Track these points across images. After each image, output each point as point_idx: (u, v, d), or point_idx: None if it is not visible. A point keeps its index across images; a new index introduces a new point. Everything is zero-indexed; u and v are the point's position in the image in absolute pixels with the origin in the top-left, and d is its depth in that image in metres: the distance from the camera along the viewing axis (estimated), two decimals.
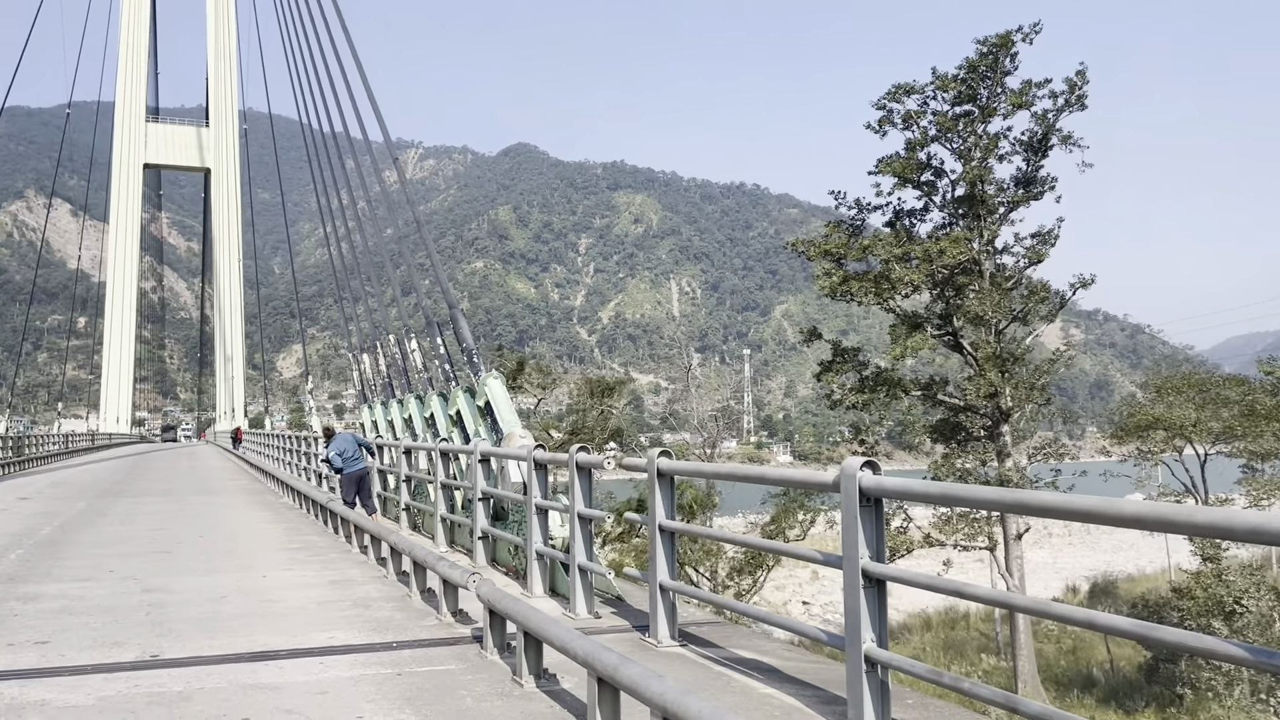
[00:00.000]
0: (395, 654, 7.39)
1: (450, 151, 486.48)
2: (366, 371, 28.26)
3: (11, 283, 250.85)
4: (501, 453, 11.44)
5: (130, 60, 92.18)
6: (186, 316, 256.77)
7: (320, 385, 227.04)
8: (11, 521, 17.51)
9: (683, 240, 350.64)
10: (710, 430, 46.37)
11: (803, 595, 50.64)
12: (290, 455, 29.06)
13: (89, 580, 10.86)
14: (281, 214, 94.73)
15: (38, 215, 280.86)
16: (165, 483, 29.46)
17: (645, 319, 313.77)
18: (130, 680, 6.65)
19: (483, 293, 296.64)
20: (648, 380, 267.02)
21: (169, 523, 17.18)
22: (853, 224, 32.32)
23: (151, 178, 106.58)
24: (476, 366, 16.30)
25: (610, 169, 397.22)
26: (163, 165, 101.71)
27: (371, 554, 12.33)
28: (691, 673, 6.64)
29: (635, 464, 7.88)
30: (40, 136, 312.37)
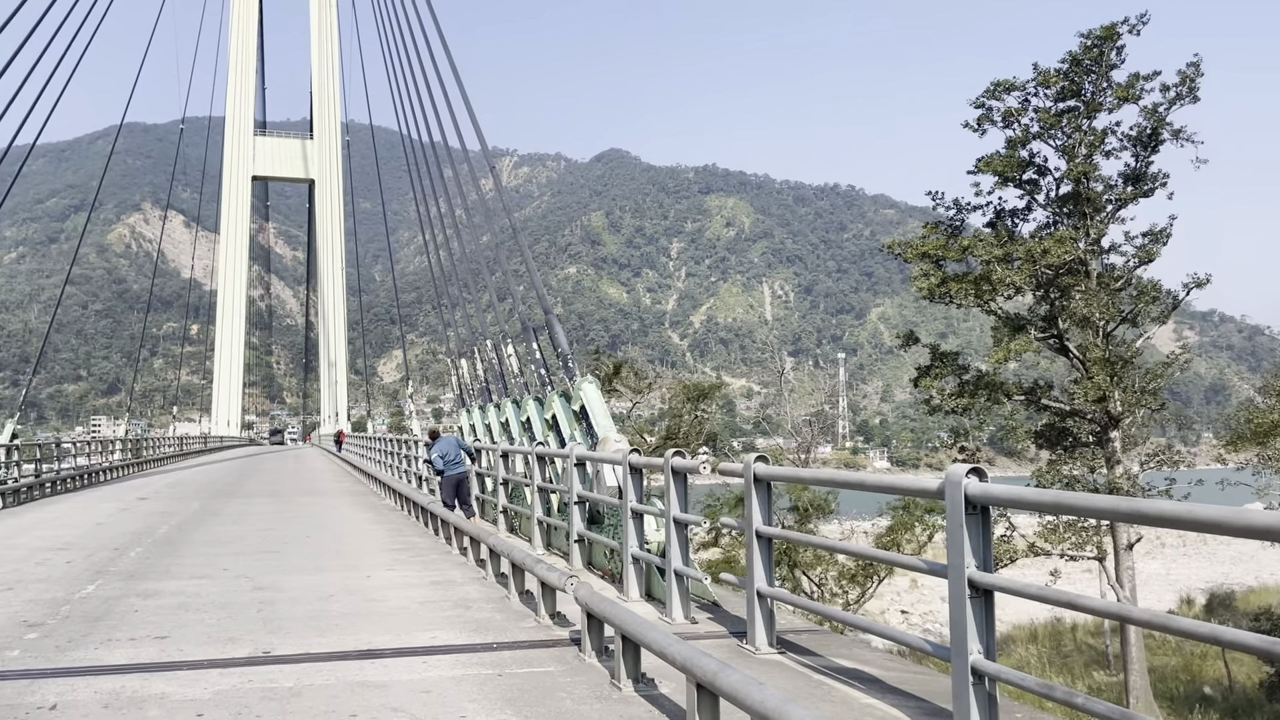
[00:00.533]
0: (495, 655, 7.50)
1: (544, 159, 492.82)
2: (464, 376, 28.77)
3: (130, 292, 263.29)
4: (597, 457, 11.51)
5: (239, 77, 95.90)
6: (292, 323, 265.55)
7: (419, 390, 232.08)
8: (132, 520, 18.35)
9: (775, 243, 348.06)
10: (804, 435, 45.87)
11: (901, 604, 49.67)
12: (391, 458, 29.79)
13: (204, 578, 11.31)
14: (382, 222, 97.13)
15: (154, 227, 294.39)
16: (273, 484, 30.49)
17: (737, 323, 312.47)
18: (244, 675, 6.90)
19: (575, 298, 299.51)
20: (740, 384, 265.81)
21: (277, 523, 17.78)
22: (951, 224, 31.61)
23: (259, 189, 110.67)
24: (572, 371, 16.43)
25: (702, 172, 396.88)
26: (270, 177, 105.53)
27: (471, 555, 12.54)
28: (791, 681, 6.57)
29: (731, 469, 7.83)
30: (156, 151, 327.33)
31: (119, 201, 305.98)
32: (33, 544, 14.76)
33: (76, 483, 29.10)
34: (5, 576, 11.51)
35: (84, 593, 10.34)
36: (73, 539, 15.29)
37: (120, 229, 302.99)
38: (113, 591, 10.39)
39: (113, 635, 8.23)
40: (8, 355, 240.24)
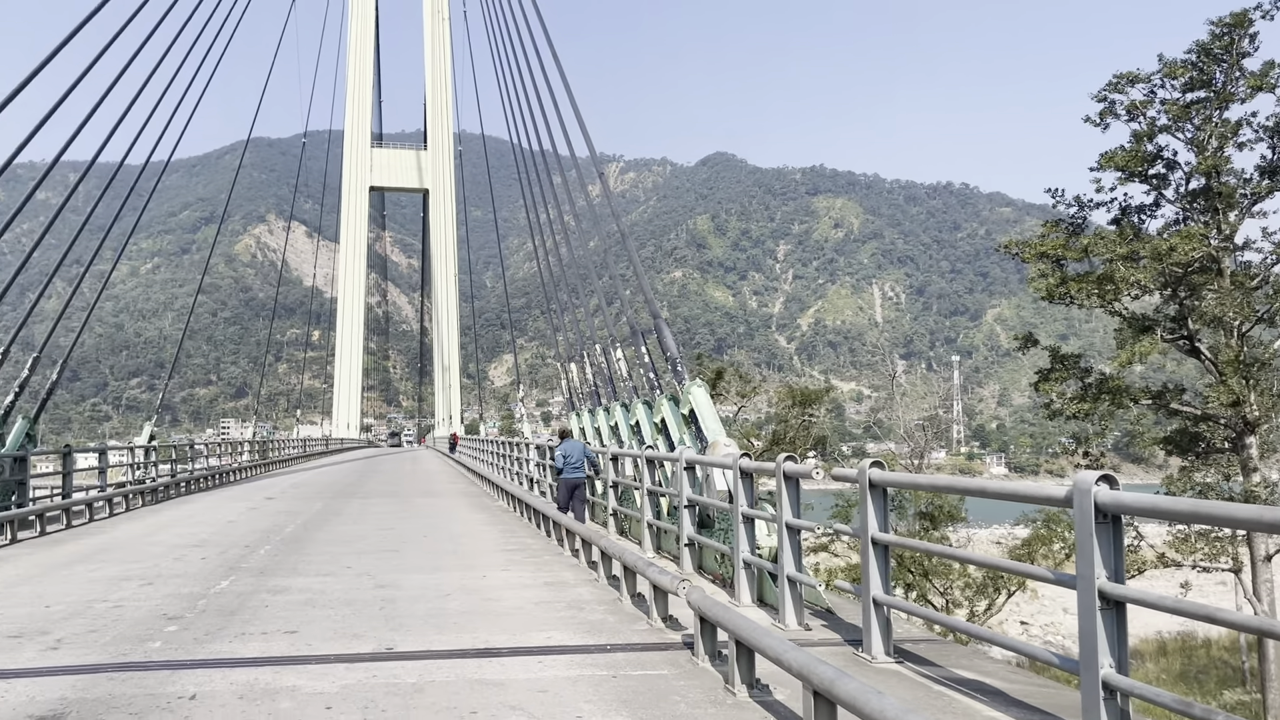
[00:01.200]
0: (609, 656, 7.57)
1: (650, 164, 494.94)
2: (574, 380, 29.13)
3: (256, 300, 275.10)
4: (707, 460, 11.50)
5: (357, 92, 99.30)
6: (408, 329, 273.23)
7: (529, 393, 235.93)
8: (261, 519, 19.17)
9: (885, 244, 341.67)
10: (917, 440, 44.87)
11: (1020, 615, 48.11)
12: (503, 461, 30.38)
13: (329, 575, 11.73)
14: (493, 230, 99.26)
15: (278, 237, 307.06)
16: (391, 485, 31.41)
17: (846, 325, 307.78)
18: (369, 670, 7.13)
19: (681, 301, 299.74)
20: (849, 388, 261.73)
21: (396, 522, 18.31)
22: (1072, 222, 30.49)
23: (376, 199, 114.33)
24: (680, 375, 16.47)
25: (809, 174, 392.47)
26: (386, 187, 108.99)
27: (583, 557, 12.68)
28: (910, 691, 6.44)
29: (846, 475, 7.73)
30: (279, 165, 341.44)
31: (245, 213, 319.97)
32: (170, 541, 15.56)
33: (208, 482, 30.54)
34: (146, 571, 12.17)
35: (218, 588, 10.85)
36: (207, 536, 16.05)
37: (247, 239, 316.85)
38: (245, 587, 10.87)
39: (246, 629, 8.61)
40: (144, 361, 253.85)
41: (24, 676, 7.01)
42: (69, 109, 22.37)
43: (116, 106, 25.17)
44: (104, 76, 23.86)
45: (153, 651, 7.77)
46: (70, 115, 22.84)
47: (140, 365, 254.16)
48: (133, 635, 8.38)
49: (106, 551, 14.30)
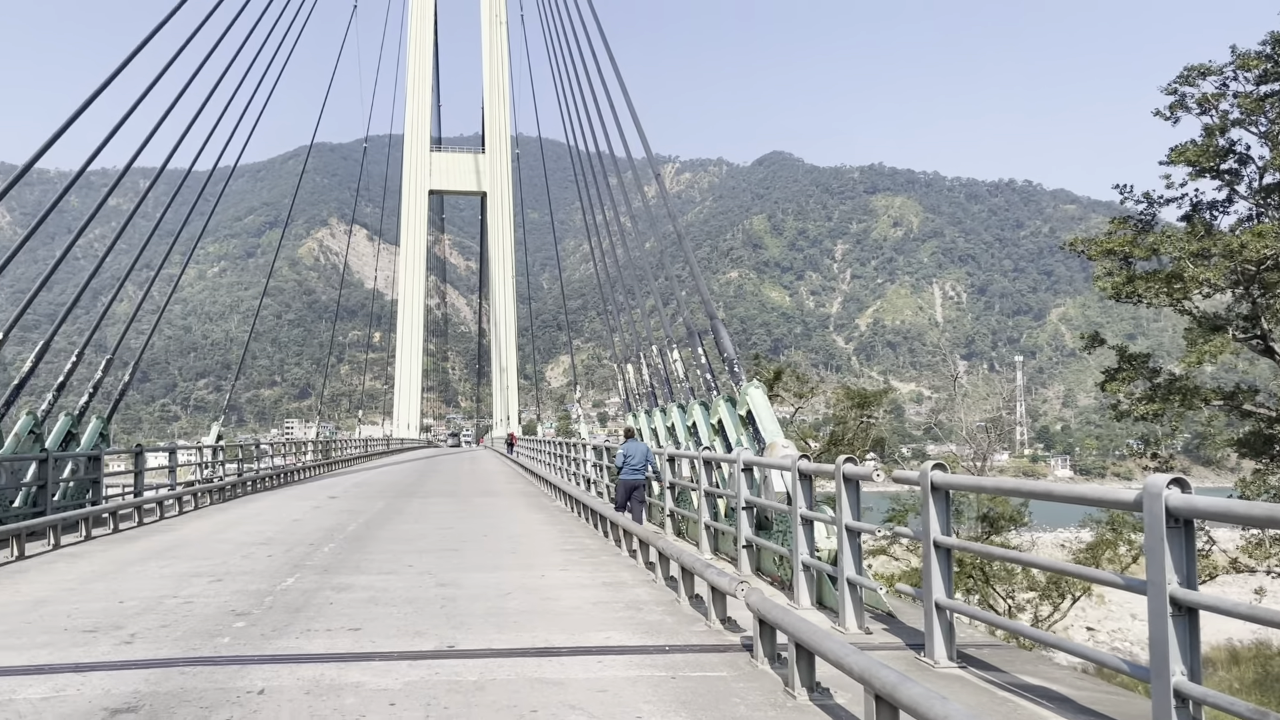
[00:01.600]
0: (668, 657, 7.57)
1: (705, 164, 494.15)
2: (630, 381, 29.19)
3: (319, 302, 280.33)
4: (765, 462, 11.45)
5: (416, 97, 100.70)
6: (466, 330, 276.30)
7: (585, 394, 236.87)
8: (324, 518, 19.52)
9: (946, 242, 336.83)
10: (979, 442, 44.14)
11: (1086, 620, 47.11)
12: (560, 461, 30.55)
13: (391, 574, 11.91)
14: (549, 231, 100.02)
15: (340, 241, 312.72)
16: (451, 485, 31.77)
17: (906, 325, 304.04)
18: (431, 668, 7.23)
19: (737, 302, 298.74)
20: (909, 389, 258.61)
21: (456, 522, 18.52)
22: (1140, 219, 29.75)
23: (435, 202, 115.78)
24: (737, 376, 16.41)
25: (868, 172, 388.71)
26: (445, 191, 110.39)
27: (640, 558, 12.70)
28: (974, 696, 6.35)
29: (907, 477, 7.64)
30: (341, 170, 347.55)
31: (308, 217, 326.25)
32: (238, 538, 15.91)
33: (273, 481, 31.18)
34: (215, 569, 12.46)
35: (284, 585, 11.07)
36: (273, 534, 16.39)
37: (310, 243, 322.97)
38: (310, 584, 11.08)
39: (311, 626, 8.78)
40: (211, 362, 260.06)
41: (100, 670, 7.23)
42: (138, 118, 23.02)
43: (184, 115, 25.85)
44: (172, 86, 24.51)
45: (222, 647, 7.96)
46: (139, 124, 23.50)
47: (207, 366, 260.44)
48: (203, 630, 8.59)
49: (177, 548, 14.68)
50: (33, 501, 17.56)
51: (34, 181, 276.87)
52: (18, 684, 6.85)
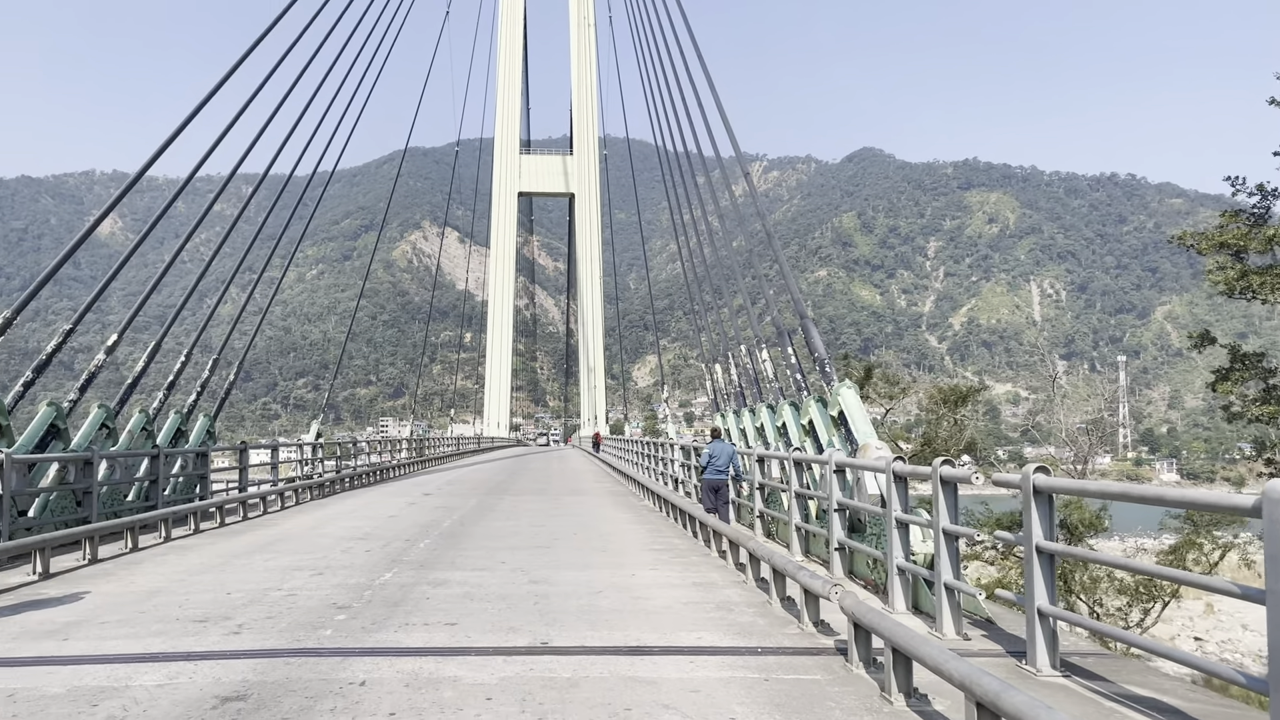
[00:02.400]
0: (760, 659, 7.52)
1: (794, 162, 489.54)
2: (718, 381, 29.09)
3: (412, 303, 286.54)
4: (858, 463, 11.28)
5: (506, 101, 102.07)
6: (554, 331, 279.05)
7: (671, 394, 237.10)
8: (419, 514, 19.94)
9: (1044, 239, 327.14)
10: (1080, 445, 42.73)
11: (1194, 630, 45.26)
12: (648, 460, 30.63)
13: (485, 570, 12.09)
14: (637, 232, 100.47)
15: (432, 243, 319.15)
16: (540, 483, 32.13)
17: (1002, 324, 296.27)
18: (525, 664, 7.32)
19: (826, 301, 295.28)
20: (1005, 389, 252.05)
21: (546, 520, 18.72)
22: (1254, 212, 28.43)
23: (524, 204, 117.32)
24: (828, 375, 16.22)
25: (961, 167, 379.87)
26: (534, 193, 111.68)
27: (730, 559, 12.65)
28: (1079, 706, 6.15)
29: (1008, 480, 7.44)
30: (433, 173, 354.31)
31: (402, 220, 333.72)
32: (337, 533, 16.36)
33: (369, 478, 31.98)
34: (316, 562, 12.83)
35: (382, 579, 11.34)
36: (370, 530, 16.81)
37: (403, 246, 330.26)
38: (407, 579, 11.33)
39: (409, 620, 8.97)
40: (310, 362, 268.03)
41: (210, 659, 7.51)
42: (240, 127, 23.84)
43: (284, 123, 26.69)
44: (273, 96, 25.34)
45: (324, 639, 8.19)
46: (242, 132, 24.34)
47: (306, 366, 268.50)
48: (306, 622, 8.85)
49: (279, 543, 15.16)
50: (145, 496, 18.34)
51: (143, 189, 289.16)
52: (134, 671, 7.16)
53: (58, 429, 15.90)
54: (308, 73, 27.39)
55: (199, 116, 21.46)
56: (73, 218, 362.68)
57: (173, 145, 20.55)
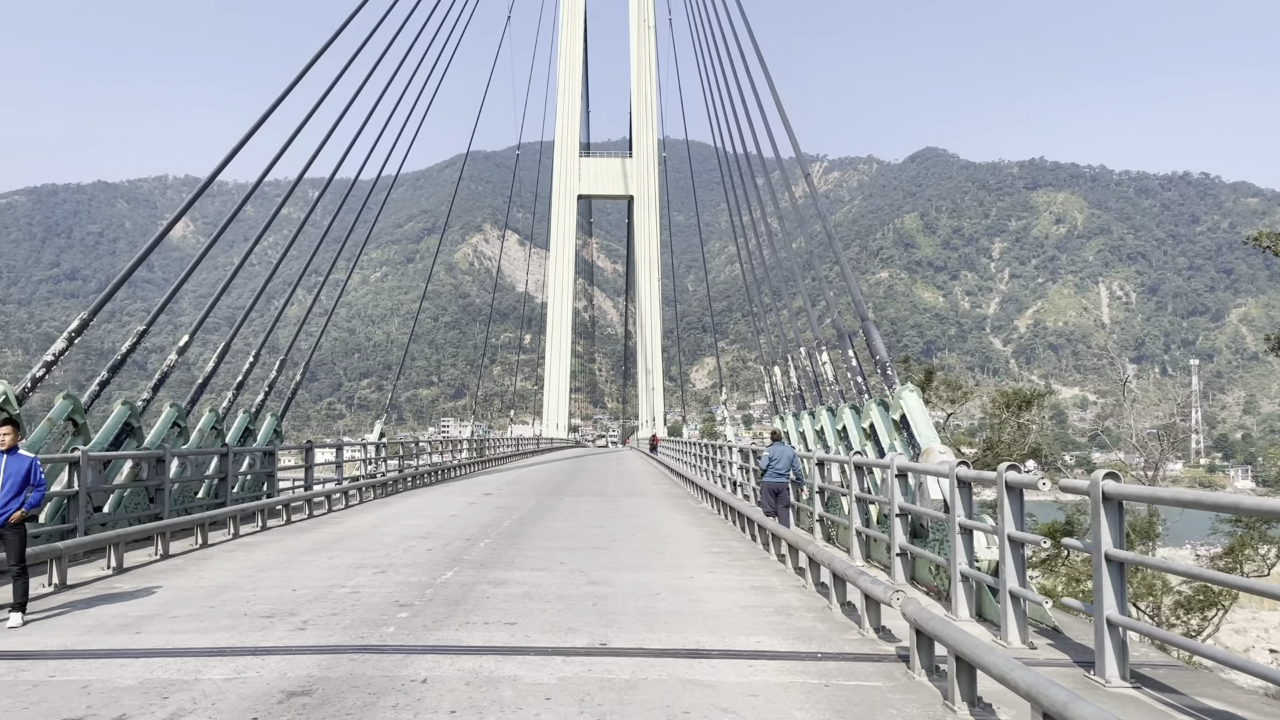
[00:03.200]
0: (820, 665, 7.44)
1: (855, 162, 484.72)
2: (777, 383, 28.92)
3: (473, 305, 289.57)
4: (920, 468, 11.12)
5: (566, 104, 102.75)
6: (613, 332, 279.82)
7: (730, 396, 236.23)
8: (479, 514, 20.13)
9: (1114, 240, 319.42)
10: (1151, 450, 41.63)
11: (1269, 642, 43.85)
12: (705, 463, 30.56)
13: (544, 570, 12.16)
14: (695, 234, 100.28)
15: (493, 246, 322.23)
16: (598, 484, 32.24)
17: (1069, 327, 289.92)
18: (584, 664, 7.34)
19: (888, 303, 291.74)
20: (1072, 394, 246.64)
21: (604, 521, 18.77)
22: None
23: (583, 207, 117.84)
24: (890, 379, 16.03)
25: (1028, 167, 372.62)
26: (593, 195, 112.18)
27: (789, 563, 12.56)
28: (1149, 718, 5.98)
29: (1076, 486, 7.27)
30: (494, 177, 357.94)
31: (464, 223, 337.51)
32: (399, 532, 16.59)
33: (431, 478, 32.37)
34: (379, 560, 13.02)
35: (443, 578, 11.46)
36: (431, 529, 17.01)
37: (465, 248, 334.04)
38: (467, 578, 11.44)
39: (470, 619, 9.06)
40: (374, 363, 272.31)
41: (276, 654, 7.66)
42: (306, 133, 24.35)
43: (349, 128, 27.18)
44: (338, 102, 25.82)
45: (387, 636, 8.30)
46: (308, 138, 24.84)
47: (370, 367, 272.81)
48: (369, 620, 8.99)
49: (343, 541, 15.42)
50: (214, 493, 18.79)
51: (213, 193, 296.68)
52: (203, 665, 7.34)
53: (132, 427, 16.37)
54: (372, 79, 27.86)
55: (266, 122, 21.96)
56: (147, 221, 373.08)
57: (241, 151, 21.03)
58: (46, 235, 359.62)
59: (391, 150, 32.04)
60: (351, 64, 25.75)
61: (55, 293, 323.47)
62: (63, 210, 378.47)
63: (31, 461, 9.22)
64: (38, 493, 9.20)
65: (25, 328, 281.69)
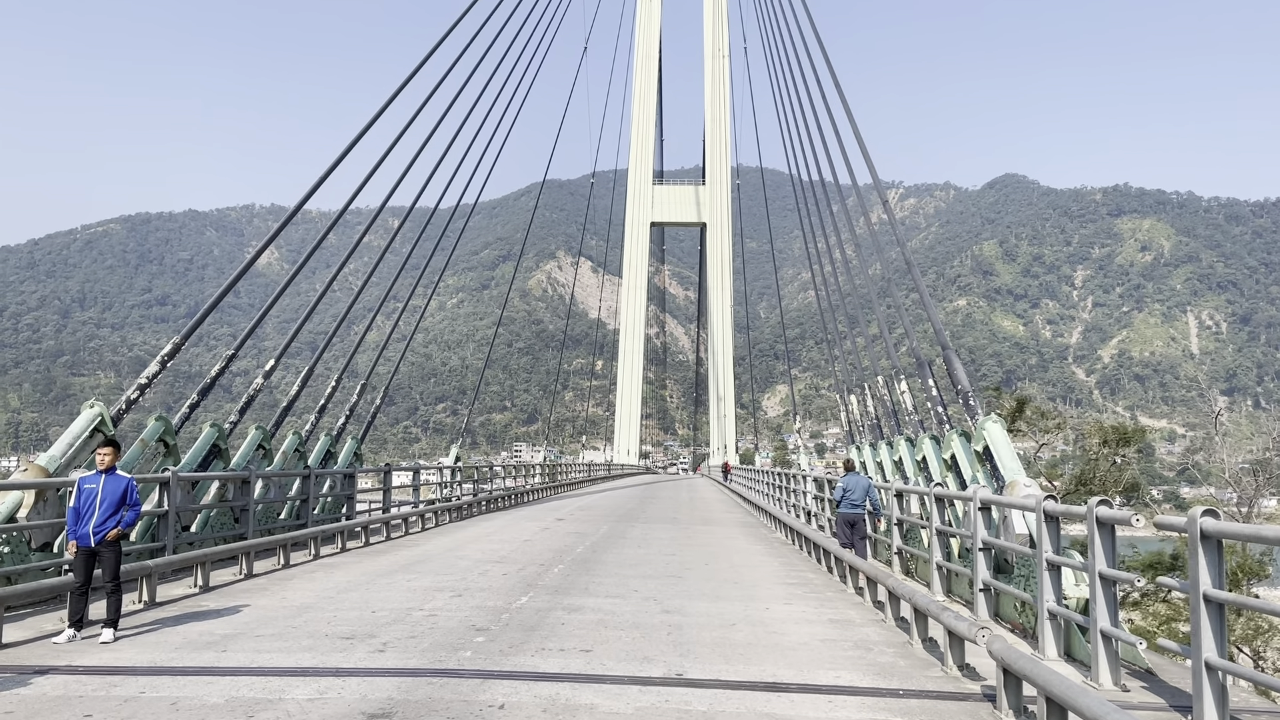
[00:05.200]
0: (903, 702, 7.27)
1: (931, 189, 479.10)
2: (854, 412, 28.53)
3: (546, 331, 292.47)
4: (1005, 501, 10.83)
5: (640, 133, 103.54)
6: (684, 359, 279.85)
7: (803, 425, 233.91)
8: (553, 539, 20.19)
9: (1202, 268, 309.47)
10: (1245, 487, 39.97)
11: None
12: (780, 492, 30.24)
13: (618, 597, 12.13)
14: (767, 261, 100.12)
15: (566, 273, 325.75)
16: (670, 511, 32.12)
17: (1156, 357, 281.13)
18: (660, 695, 7.27)
19: (965, 331, 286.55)
20: (1160, 426, 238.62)
21: (677, 549, 18.66)
22: None
23: (656, 234, 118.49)
24: (973, 409, 15.69)
25: (1111, 193, 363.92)
26: (665, 223, 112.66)
27: (867, 596, 12.33)
28: None
29: (1173, 523, 7.00)
30: (568, 205, 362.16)
31: (538, 251, 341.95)
32: (474, 555, 16.72)
33: (504, 502, 32.62)
34: (455, 584, 13.13)
35: (519, 603, 11.51)
36: (506, 554, 17.11)
37: (539, 275, 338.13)
38: (542, 604, 11.46)
39: (545, 645, 9.06)
40: (449, 388, 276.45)
41: (357, 675, 7.76)
42: (388, 164, 24.96)
43: (430, 158, 27.77)
44: (419, 133, 26.42)
45: (464, 660, 8.34)
46: (389, 167, 25.45)
47: (445, 391, 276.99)
48: (446, 643, 9.05)
49: (420, 563, 15.59)
50: (296, 514, 19.19)
51: (297, 222, 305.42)
52: (287, 684, 7.46)
53: (219, 449, 16.83)
54: (452, 110, 28.46)
55: (350, 153, 22.57)
56: (234, 248, 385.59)
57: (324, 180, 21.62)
58: (140, 262, 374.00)
59: (470, 179, 32.60)
60: (432, 96, 26.34)
61: (147, 317, 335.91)
62: (155, 238, 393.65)
63: (128, 482, 9.54)
64: (133, 512, 9.50)
65: (118, 350, 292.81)
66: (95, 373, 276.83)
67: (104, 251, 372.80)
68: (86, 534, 9.23)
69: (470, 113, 30.53)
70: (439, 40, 26.62)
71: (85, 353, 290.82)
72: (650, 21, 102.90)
